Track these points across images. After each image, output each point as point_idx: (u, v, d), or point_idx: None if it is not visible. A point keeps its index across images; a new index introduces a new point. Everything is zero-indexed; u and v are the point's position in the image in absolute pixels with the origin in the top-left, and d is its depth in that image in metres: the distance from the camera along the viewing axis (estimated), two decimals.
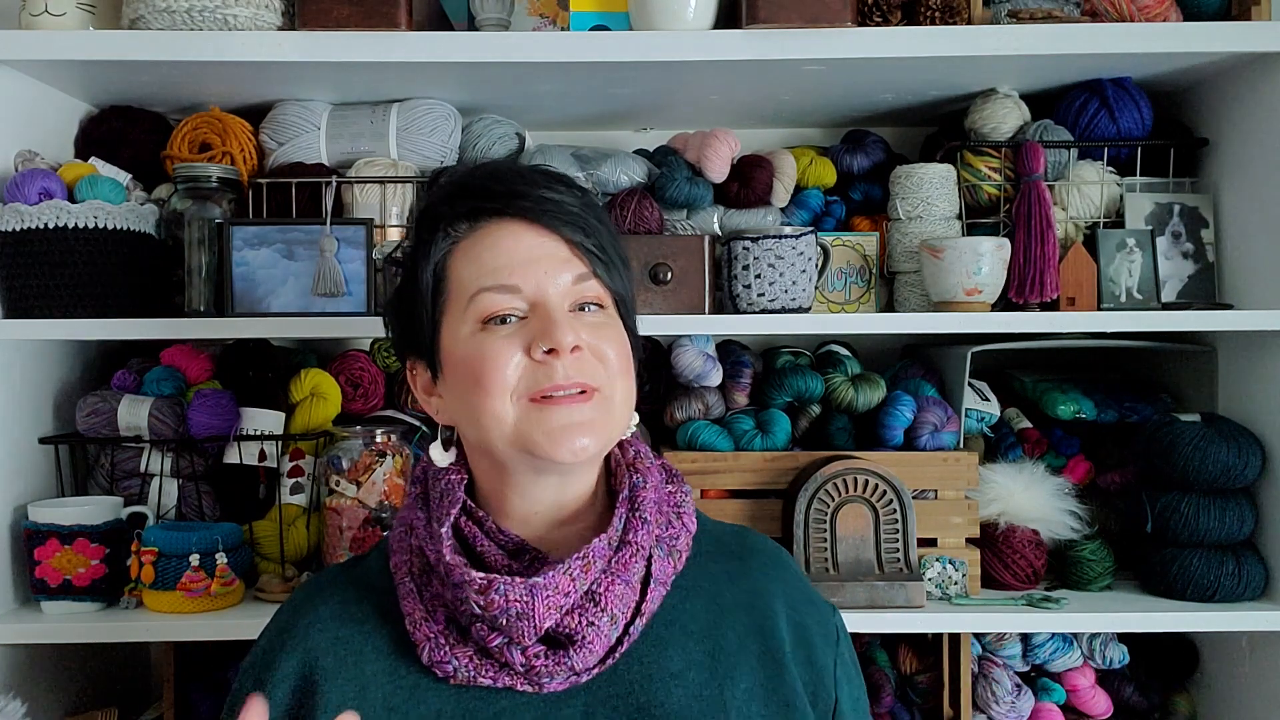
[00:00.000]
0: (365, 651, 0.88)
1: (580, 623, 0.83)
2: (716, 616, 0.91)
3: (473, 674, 0.84)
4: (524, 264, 0.86)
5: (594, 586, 0.85)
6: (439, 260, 0.89)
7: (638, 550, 0.87)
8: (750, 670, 0.88)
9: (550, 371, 0.84)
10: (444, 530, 0.86)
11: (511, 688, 0.85)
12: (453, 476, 0.90)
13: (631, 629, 0.86)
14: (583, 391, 0.85)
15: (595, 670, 0.85)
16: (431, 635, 0.86)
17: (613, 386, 0.87)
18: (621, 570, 0.86)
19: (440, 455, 0.92)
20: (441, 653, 0.85)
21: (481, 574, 0.83)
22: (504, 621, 0.82)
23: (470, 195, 0.89)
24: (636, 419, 0.95)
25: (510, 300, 0.86)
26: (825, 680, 0.91)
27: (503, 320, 0.86)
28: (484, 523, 0.88)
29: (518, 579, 0.82)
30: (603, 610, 0.84)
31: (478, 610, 0.83)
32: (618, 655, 0.86)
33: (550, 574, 0.82)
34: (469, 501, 0.90)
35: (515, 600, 0.81)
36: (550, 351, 0.84)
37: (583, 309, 0.88)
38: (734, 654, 0.89)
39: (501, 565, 0.87)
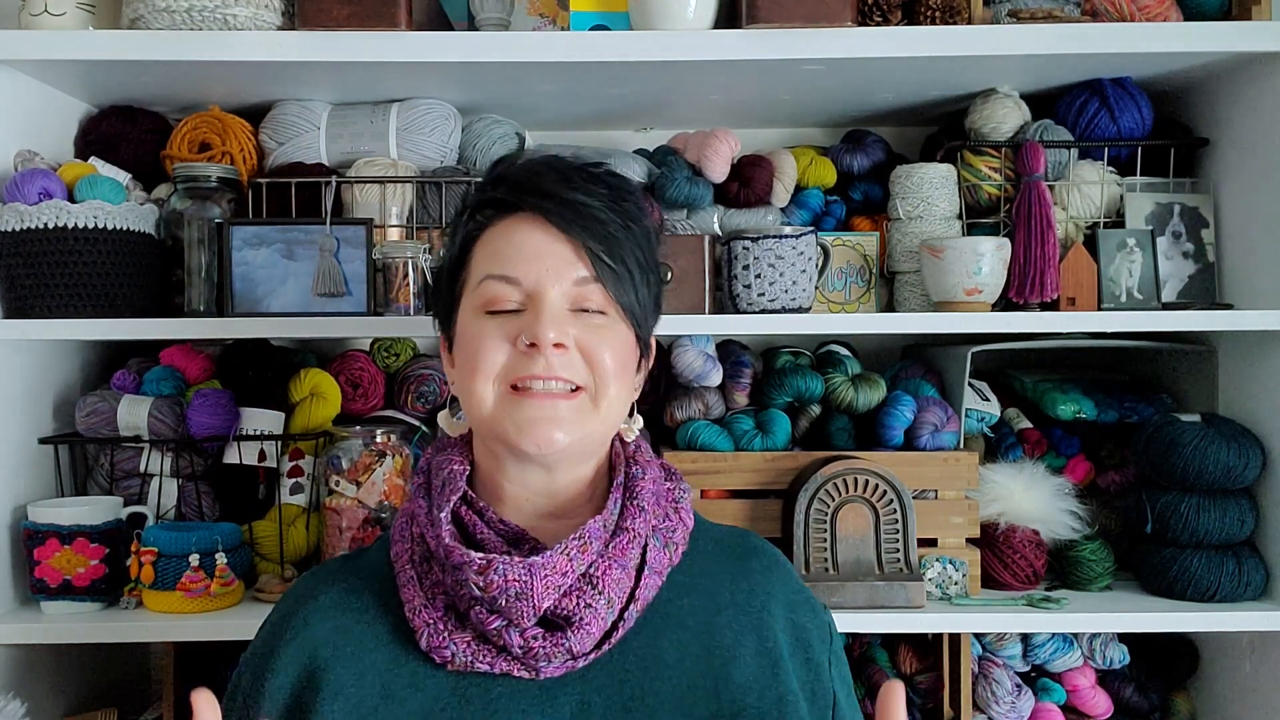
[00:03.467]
0: (365, 640, 0.90)
1: (578, 604, 0.85)
2: (713, 613, 0.92)
3: (470, 659, 0.86)
4: (530, 259, 0.88)
5: (591, 569, 0.86)
6: (463, 242, 0.92)
7: (634, 536, 0.89)
8: (746, 665, 0.89)
9: (530, 363, 0.86)
10: (443, 515, 0.88)
11: (509, 673, 0.86)
12: (455, 466, 0.92)
13: (626, 615, 0.88)
14: (574, 389, 0.87)
15: (591, 656, 0.87)
16: (430, 621, 0.87)
17: (600, 389, 0.89)
18: (618, 555, 0.88)
19: (449, 422, 0.97)
20: (440, 638, 0.86)
21: (481, 554, 0.85)
22: (503, 602, 0.83)
23: (504, 186, 0.91)
24: (640, 422, 0.97)
25: (509, 291, 0.88)
26: (823, 678, 0.93)
27: (505, 311, 0.88)
28: (484, 512, 0.90)
29: (516, 558, 0.84)
30: (599, 593, 0.85)
31: (477, 592, 0.84)
32: (613, 641, 0.87)
33: (548, 554, 0.85)
34: (469, 492, 0.91)
35: (514, 580, 0.83)
36: (532, 345, 0.86)
37: (586, 311, 0.89)
38: (730, 648, 0.90)
39: (500, 552, 0.88)
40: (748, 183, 1.65)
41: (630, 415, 0.97)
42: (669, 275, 1.50)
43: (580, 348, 0.88)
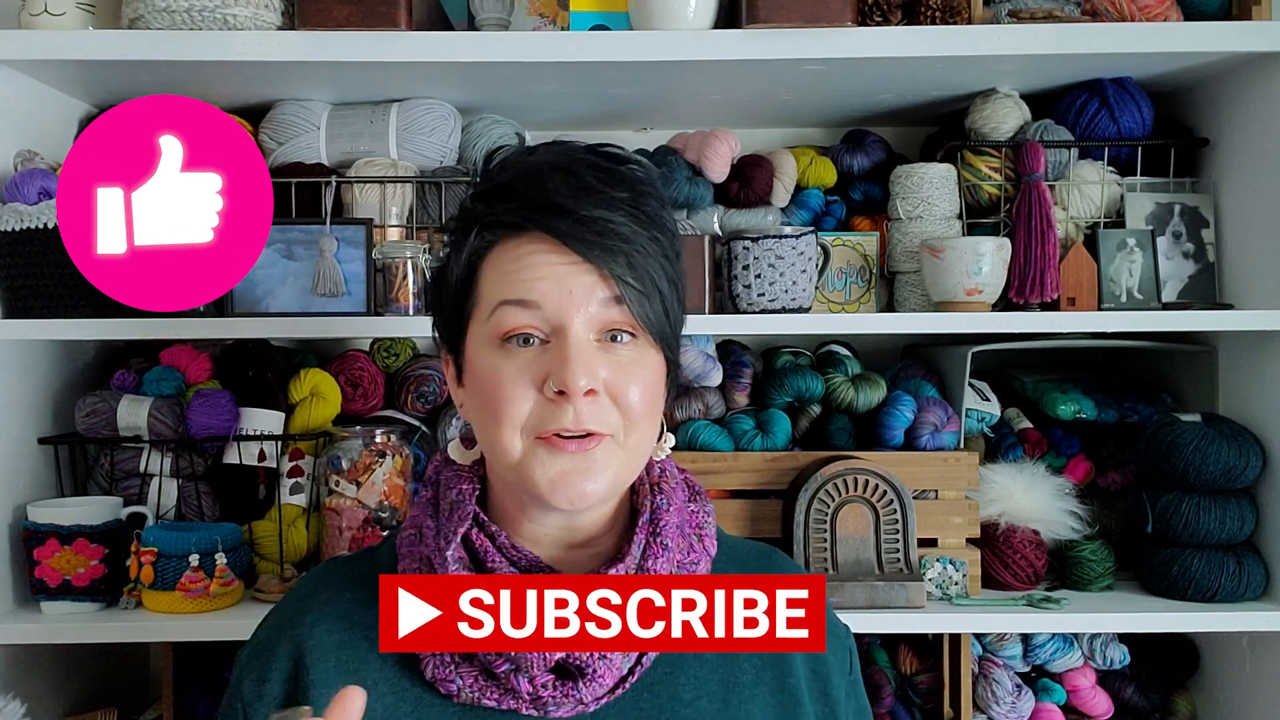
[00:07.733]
0: (369, 659, 0.86)
1: (592, 655, 0.80)
2: None
3: (477, 695, 0.82)
4: (550, 282, 0.80)
5: None
6: (471, 260, 0.84)
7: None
8: (765, 704, 0.87)
9: (560, 413, 0.79)
10: (450, 552, 0.83)
11: (516, 711, 0.82)
12: (464, 486, 0.87)
13: (644, 659, 0.84)
14: (588, 435, 0.80)
15: (604, 700, 0.83)
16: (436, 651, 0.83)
17: (629, 433, 0.82)
18: None
19: (460, 453, 0.90)
20: (446, 671, 0.82)
21: None
22: (512, 651, 0.80)
23: (513, 199, 0.82)
24: (671, 441, 0.91)
25: (530, 318, 0.80)
26: (838, 713, 0.90)
27: (524, 340, 0.81)
28: (496, 537, 0.85)
29: None
30: None
31: None
32: (628, 685, 0.83)
33: None
34: (481, 514, 0.86)
35: None
36: (561, 393, 0.79)
37: (614, 338, 0.81)
38: (749, 686, 0.87)
39: None
40: (748, 183, 1.65)
41: (660, 436, 0.89)
42: None
43: (609, 390, 0.80)
